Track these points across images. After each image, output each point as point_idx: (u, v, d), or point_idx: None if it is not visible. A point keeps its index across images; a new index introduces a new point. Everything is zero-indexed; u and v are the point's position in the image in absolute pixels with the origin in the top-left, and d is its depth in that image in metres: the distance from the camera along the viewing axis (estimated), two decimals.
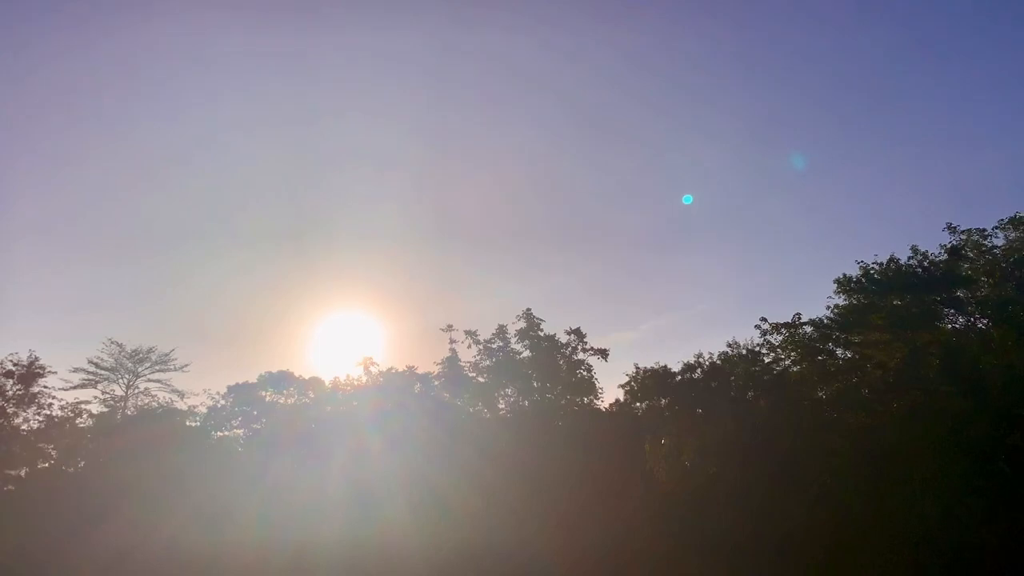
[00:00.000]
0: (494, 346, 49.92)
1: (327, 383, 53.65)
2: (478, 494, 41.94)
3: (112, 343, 52.61)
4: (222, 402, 52.39)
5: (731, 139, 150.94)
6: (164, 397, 53.15)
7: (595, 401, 48.93)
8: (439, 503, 41.60)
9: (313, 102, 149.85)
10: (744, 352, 46.10)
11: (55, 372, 49.95)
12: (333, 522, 41.39)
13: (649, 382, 46.55)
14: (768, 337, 43.45)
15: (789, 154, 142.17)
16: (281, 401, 53.53)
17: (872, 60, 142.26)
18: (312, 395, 53.40)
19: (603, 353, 49.15)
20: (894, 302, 40.04)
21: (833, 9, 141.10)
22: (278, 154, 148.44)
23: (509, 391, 49.56)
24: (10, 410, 47.65)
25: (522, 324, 49.91)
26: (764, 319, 43.74)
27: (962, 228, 40.48)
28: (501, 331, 50.02)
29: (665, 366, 46.39)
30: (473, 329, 50.35)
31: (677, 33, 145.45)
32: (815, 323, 42.92)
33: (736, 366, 44.86)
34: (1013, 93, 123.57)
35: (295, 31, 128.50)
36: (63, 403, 49.55)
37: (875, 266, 41.37)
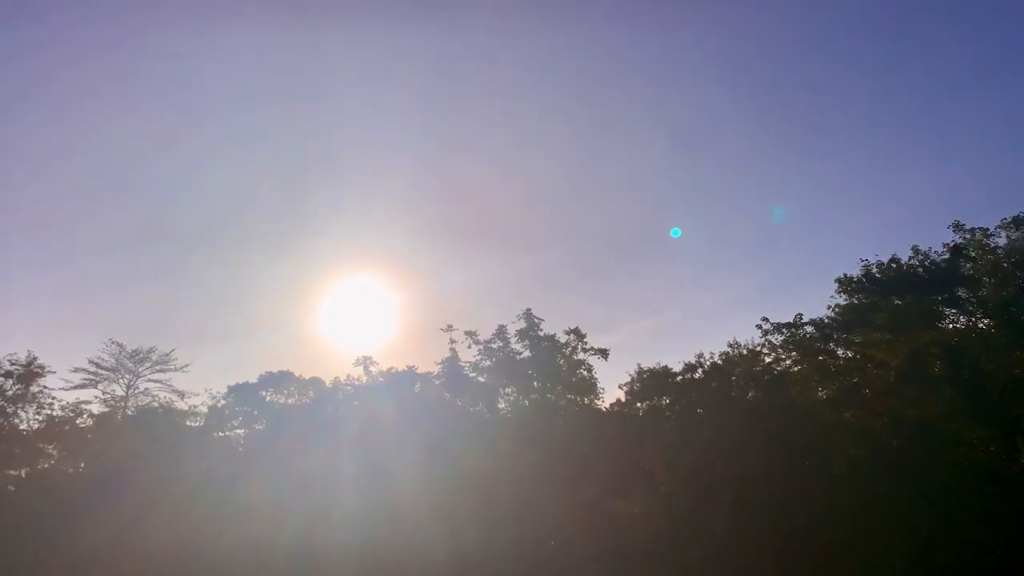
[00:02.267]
0: (494, 346, 49.84)
1: (327, 383, 53.67)
2: (478, 494, 41.93)
3: (112, 343, 52.77)
4: (223, 402, 52.45)
5: (731, 140, 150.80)
6: (164, 397, 53.28)
7: (595, 401, 48.91)
8: (440, 502, 41.57)
9: (311, 103, 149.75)
10: (745, 352, 46.11)
11: (55, 372, 50.04)
12: (334, 521, 41.41)
13: (650, 382, 46.51)
14: (769, 337, 43.40)
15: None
16: (281, 401, 53.59)
17: (874, 60, 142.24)
18: (312, 395, 53.44)
19: (603, 353, 49.09)
20: (895, 302, 40.01)
21: (840, 10, 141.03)
22: (279, 154, 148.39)
23: (509, 391, 49.52)
24: (10, 410, 47.68)
25: (522, 324, 49.86)
26: (766, 319, 43.71)
27: (967, 227, 40.46)
28: (501, 331, 49.95)
29: (666, 366, 46.36)
30: (473, 329, 50.33)
31: (680, 31, 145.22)
32: (816, 323, 42.89)
33: (737, 366, 44.83)
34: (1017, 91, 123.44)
35: (297, 25, 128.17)
36: (63, 403, 49.65)
37: (876, 265, 41.33)
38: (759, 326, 43.99)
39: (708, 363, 45.76)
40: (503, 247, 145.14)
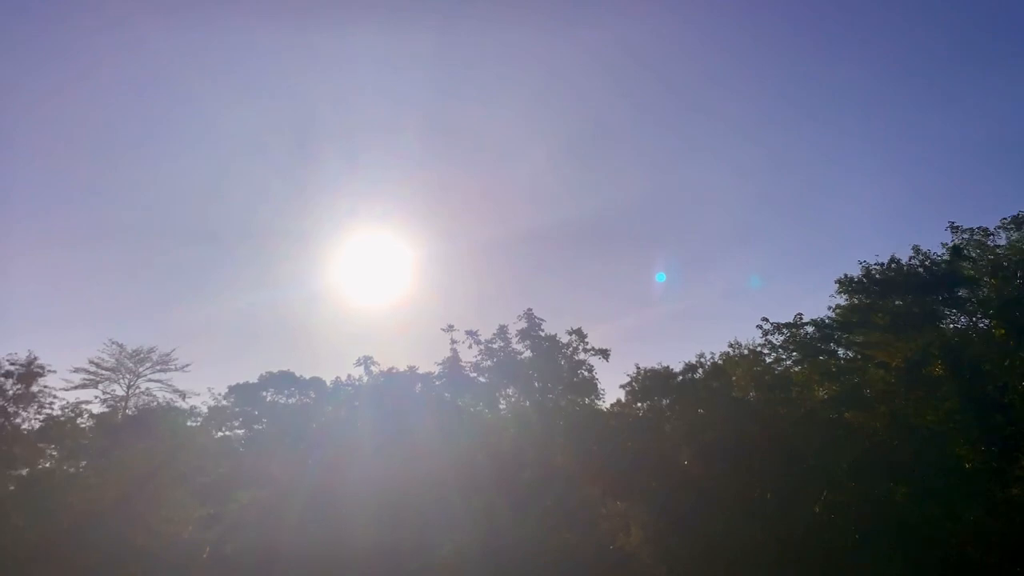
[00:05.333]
0: (495, 346, 49.81)
1: (328, 383, 53.67)
2: (479, 494, 41.96)
3: (113, 343, 52.92)
4: (223, 402, 52.52)
5: (731, 142, 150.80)
6: (165, 397, 53.35)
7: (596, 401, 48.90)
8: (440, 503, 41.60)
9: (312, 102, 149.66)
10: (745, 352, 46.21)
11: (54, 371, 50.09)
12: (334, 521, 41.40)
13: (650, 382, 46.50)
14: (769, 337, 43.48)
15: (794, 160, 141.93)
16: (282, 401, 53.62)
17: (874, 60, 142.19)
18: (313, 395, 53.47)
19: (604, 353, 49.04)
20: (895, 302, 40.07)
21: (836, 9, 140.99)
22: (280, 153, 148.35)
23: (510, 391, 49.51)
24: (10, 410, 47.70)
25: (523, 324, 49.86)
26: (766, 319, 43.83)
27: (964, 227, 40.58)
28: (502, 331, 49.92)
29: (667, 366, 46.39)
30: (474, 329, 50.33)
31: (681, 31, 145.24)
32: (816, 323, 42.97)
33: (738, 366, 44.90)
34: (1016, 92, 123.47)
35: (294, 23, 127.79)
36: (64, 403, 49.72)
37: (876, 266, 41.38)
38: (759, 326, 44.14)
39: (709, 363, 45.86)
40: (506, 247, 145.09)
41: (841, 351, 42.68)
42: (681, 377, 45.43)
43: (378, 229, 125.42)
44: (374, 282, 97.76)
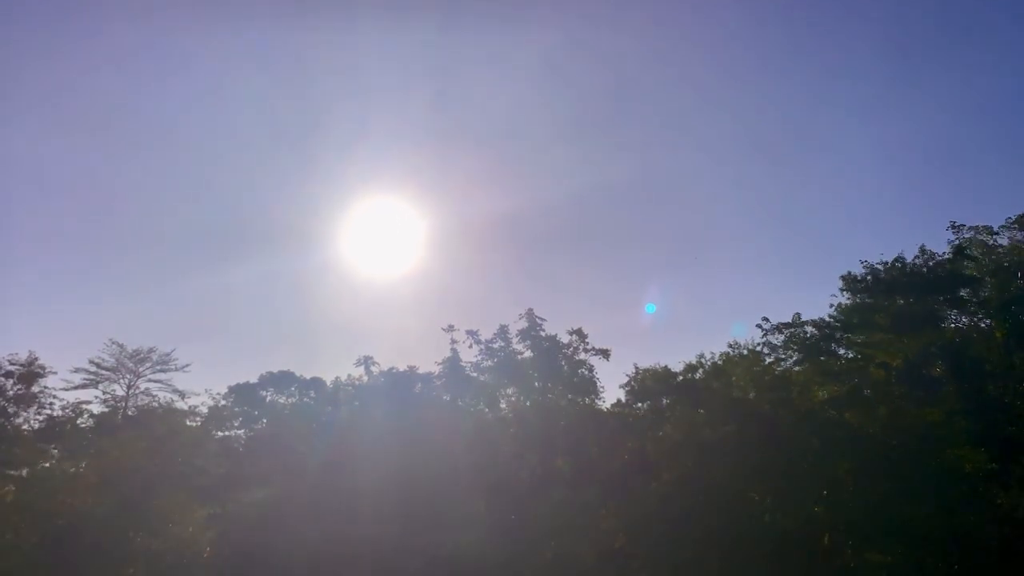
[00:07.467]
0: (495, 346, 49.95)
1: (328, 383, 53.70)
2: (480, 494, 41.98)
3: (113, 343, 52.99)
4: (223, 402, 52.55)
5: (732, 141, 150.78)
6: (165, 397, 53.43)
7: (596, 401, 49.01)
8: (440, 504, 41.60)
9: (313, 102, 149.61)
10: (745, 352, 46.24)
11: (55, 372, 50.13)
12: (334, 522, 41.40)
13: (650, 382, 46.52)
14: (769, 337, 43.56)
15: (797, 157, 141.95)
16: (282, 401, 53.65)
17: (873, 60, 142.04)
18: (313, 395, 53.50)
19: (605, 353, 49.23)
20: (898, 302, 40.06)
21: (836, 7, 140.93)
22: (281, 155, 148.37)
23: (511, 391, 49.63)
24: (11, 410, 47.72)
25: (523, 324, 49.96)
26: (766, 319, 43.97)
27: (968, 225, 40.62)
28: (503, 331, 50.09)
29: (666, 366, 46.40)
30: (474, 328, 50.44)
31: (682, 31, 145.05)
32: (817, 323, 42.97)
33: (738, 366, 44.90)
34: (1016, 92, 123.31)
35: (296, 22, 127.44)
36: (64, 403, 49.78)
37: (880, 266, 41.36)
38: (759, 326, 44.28)
39: (709, 363, 45.86)
40: (506, 247, 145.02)
41: (842, 351, 42.69)
42: (681, 377, 45.43)
43: (377, 209, 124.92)
44: (372, 267, 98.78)
